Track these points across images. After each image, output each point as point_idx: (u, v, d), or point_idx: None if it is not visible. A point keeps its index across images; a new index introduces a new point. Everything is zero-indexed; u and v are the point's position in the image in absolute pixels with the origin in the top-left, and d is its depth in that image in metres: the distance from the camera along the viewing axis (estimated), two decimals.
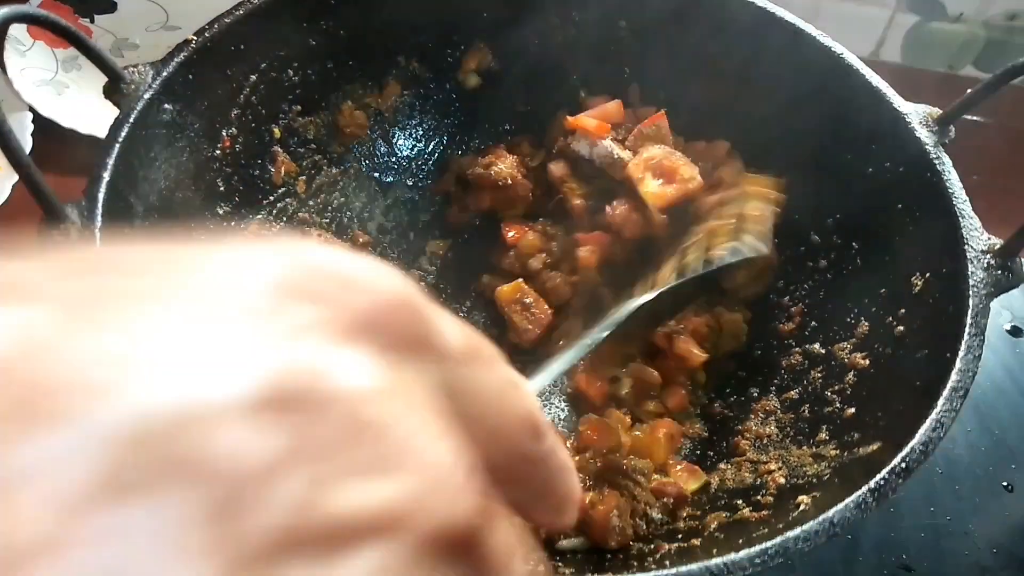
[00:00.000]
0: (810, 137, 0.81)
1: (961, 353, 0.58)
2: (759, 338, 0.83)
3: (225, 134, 0.77)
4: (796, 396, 0.75)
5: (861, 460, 0.60)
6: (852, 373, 0.71)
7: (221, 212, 0.78)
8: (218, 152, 0.77)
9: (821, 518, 0.51)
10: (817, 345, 0.77)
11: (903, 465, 0.54)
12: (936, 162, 0.69)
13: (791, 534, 0.50)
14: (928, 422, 0.55)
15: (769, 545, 0.50)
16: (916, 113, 0.72)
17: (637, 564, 0.60)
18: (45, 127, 0.99)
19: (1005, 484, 0.85)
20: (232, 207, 0.79)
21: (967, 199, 0.67)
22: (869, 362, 0.71)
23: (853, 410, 0.68)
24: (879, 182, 0.75)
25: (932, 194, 0.69)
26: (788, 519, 0.56)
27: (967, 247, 0.64)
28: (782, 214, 0.82)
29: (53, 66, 1.05)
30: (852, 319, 0.75)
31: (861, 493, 0.52)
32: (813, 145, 0.81)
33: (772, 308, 0.84)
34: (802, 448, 0.69)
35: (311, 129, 0.87)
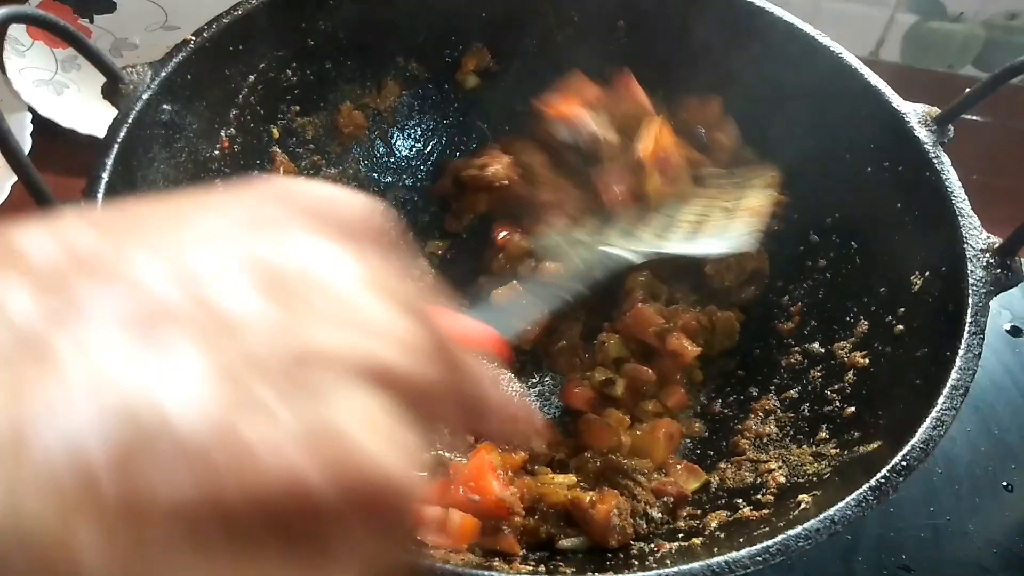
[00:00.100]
0: (809, 137, 0.80)
1: (961, 352, 0.58)
2: (758, 337, 0.83)
3: (224, 134, 0.77)
4: (796, 395, 0.75)
5: (861, 459, 0.60)
6: (852, 372, 0.71)
7: None
8: (217, 152, 0.77)
9: (822, 516, 0.51)
10: (817, 344, 0.77)
11: (903, 463, 0.54)
12: (935, 161, 0.69)
13: (792, 532, 0.50)
14: (928, 420, 0.56)
15: (770, 543, 0.50)
16: (915, 113, 0.72)
17: (638, 563, 0.60)
18: (45, 127, 0.99)
19: (1005, 484, 0.85)
20: None
21: (966, 198, 0.67)
22: (869, 361, 0.71)
23: (853, 409, 0.68)
24: (878, 182, 0.75)
25: (931, 193, 0.69)
26: (789, 518, 0.56)
27: (966, 246, 0.64)
28: (782, 214, 0.82)
29: (52, 66, 1.05)
30: (851, 318, 0.75)
31: (862, 491, 0.52)
32: (812, 145, 0.81)
33: (771, 307, 0.84)
34: (802, 447, 0.69)
35: (310, 129, 0.87)
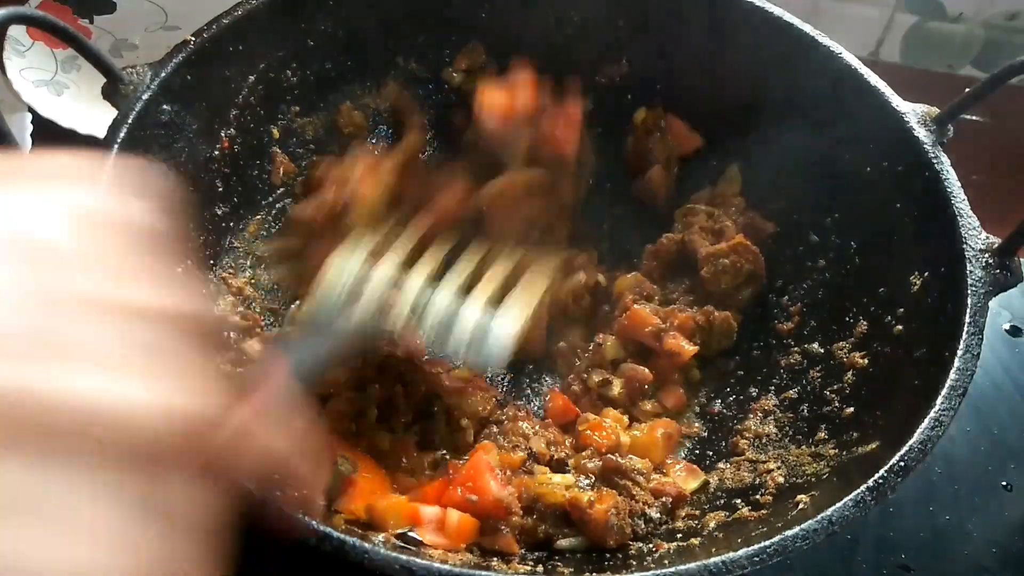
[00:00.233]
0: (809, 137, 0.80)
1: (960, 352, 0.58)
2: (758, 337, 0.83)
3: (224, 135, 0.77)
4: (795, 395, 0.75)
5: (860, 459, 0.60)
6: (851, 372, 0.71)
7: (220, 213, 0.78)
8: (217, 153, 0.77)
9: (820, 517, 0.51)
10: (816, 344, 0.77)
11: (902, 464, 0.54)
12: (935, 162, 0.69)
13: (790, 533, 0.51)
14: (927, 421, 0.56)
15: (767, 544, 0.50)
16: (915, 113, 0.72)
17: (636, 563, 0.60)
18: (45, 127, 0.99)
19: (1004, 484, 0.85)
20: (231, 208, 0.79)
21: (965, 198, 0.67)
22: (868, 361, 0.71)
23: (852, 409, 0.68)
24: (878, 182, 0.75)
25: (931, 193, 0.69)
26: (787, 518, 0.56)
27: (966, 246, 0.64)
28: (782, 216, 0.82)
29: (52, 66, 1.05)
30: (851, 318, 0.75)
31: (860, 492, 0.52)
32: (812, 145, 0.81)
33: (771, 307, 0.84)
34: (801, 447, 0.69)
35: (310, 129, 0.87)
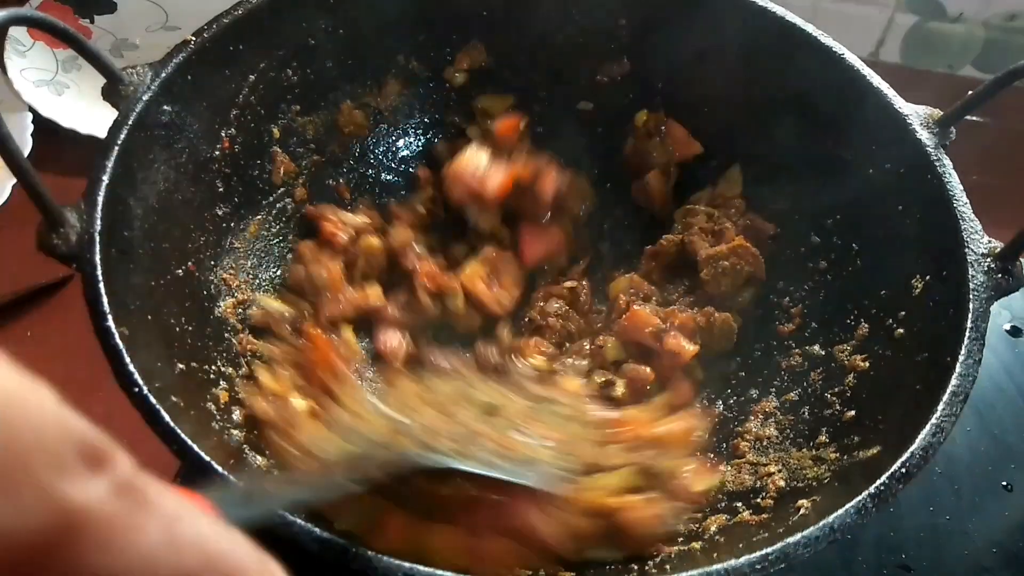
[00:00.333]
0: (810, 138, 0.80)
1: (961, 357, 0.58)
2: (758, 339, 0.83)
3: (224, 135, 0.77)
4: (796, 398, 0.75)
5: (861, 464, 0.60)
6: (852, 375, 0.71)
7: (220, 213, 0.78)
8: (217, 153, 0.76)
9: (821, 524, 0.51)
10: (817, 347, 0.77)
11: (903, 470, 0.54)
12: (937, 164, 0.69)
13: (791, 540, 0.50)
14: (928, 427, 0.55)
15: (769, 551, 0.50)
16: (917, 114, 0.72)
17: (637, 568, 0.59)
18: (45, 127, 0.99)
19: (1004, 484, 0.85)
20: (231, 208, 0.79)
21: (967, 201, 0.67)
22: (869, 364, 0.71)
23: (853, 413, 0.68)
24: (879, 183, 0.75)
25: (933, 196, 0.69)
26: (788, 523, 0.56)
27: (967, 250, 0.64)
28: (783, 217, 0.82)
29: (53, 66, 1.05)
30: (852, 321, 0.75)
31: (861, 499, 0.52)
32: (813, 146, 0.80)
33: (772, 309, 0.84)
34: (802, 450, 0.69)
35: (310, 129, 0.87)
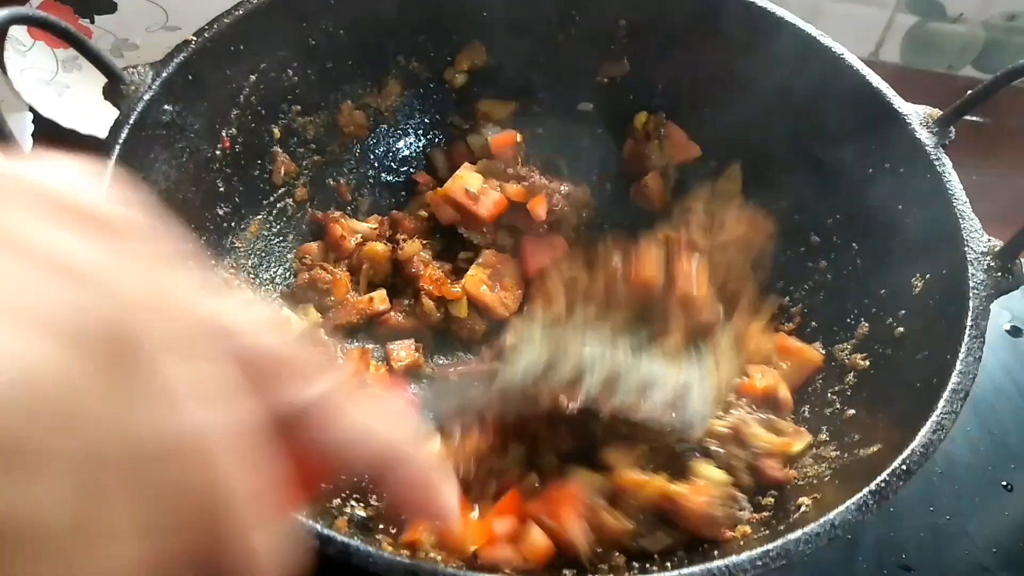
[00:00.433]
0: (810, 137, 0.80)
1: (961, 355, 0.58)
2: None
3: (225, 134, 0.77)
4: (796, 397, 0.75)
5: (861, 461, 0.61)
6: (852, 374, 0.71)
7: (221, 212, 0.78)
8: (218, 153, 0.77)
9: (822, 520, 0.51)
10: (817, 345, 0.77)
11: (903, 467, 0.54)
12: (936, 163, 0.69)
13: (792, 536, 0.50)
14: (928, 424, 0.56)
15: (770, 548, 0.50)
16: (916, 114, 0.72)
17: (638, 566, 0.60)
18: (45, 127, 0.99)
19: (1004, 484, 0.85)
20: (232, 207, 0.79)
21: (967, 200, 0.67)
22: (869, 363, 0.71)
23: (853, 411, 0.68)
24: (880, 183, 0.75)
25: (933, 195, 0.69)
26: (789, 520, 0.56)
27: (967, 249, 0.64)
28: (783, 216, 0.82)
29: (53, 66, 1.05)
30: (852, 320, 0.75)
31: (862, 495, 0.52)
32: (813, 145, 0.81)
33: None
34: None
35: (311, 129, 0.87)
